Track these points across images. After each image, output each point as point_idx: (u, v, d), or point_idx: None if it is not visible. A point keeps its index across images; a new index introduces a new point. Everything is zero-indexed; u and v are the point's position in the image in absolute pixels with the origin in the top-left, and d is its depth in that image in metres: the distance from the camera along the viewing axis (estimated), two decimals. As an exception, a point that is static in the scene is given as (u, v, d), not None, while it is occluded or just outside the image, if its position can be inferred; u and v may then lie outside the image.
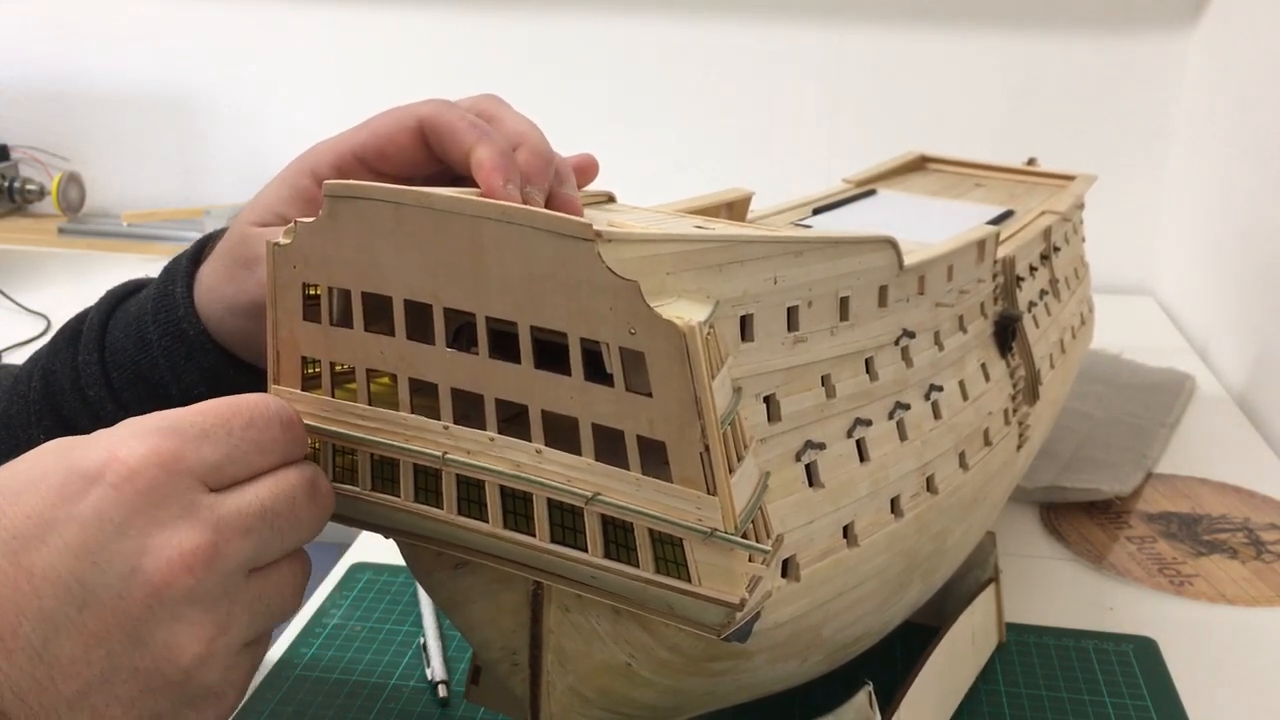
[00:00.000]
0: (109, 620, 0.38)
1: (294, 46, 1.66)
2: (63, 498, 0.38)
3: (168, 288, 0.61)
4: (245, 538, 0.40)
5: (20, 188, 1.70)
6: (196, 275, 0.61)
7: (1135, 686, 0.69)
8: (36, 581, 0.37)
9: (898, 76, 1.53)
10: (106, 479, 0.38)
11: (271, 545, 0.42)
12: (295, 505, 0.42)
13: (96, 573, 0.37)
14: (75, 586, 0.37)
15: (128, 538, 0.38)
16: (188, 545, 0.39)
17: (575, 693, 0.45)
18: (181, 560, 0.38)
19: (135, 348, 0.61)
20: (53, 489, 0.38)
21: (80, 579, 0.37)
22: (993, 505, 0.68)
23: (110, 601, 0.38)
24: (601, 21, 1.57)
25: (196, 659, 0.39)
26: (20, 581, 0.37)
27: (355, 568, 0.81)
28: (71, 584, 0.37)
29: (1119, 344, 1.23)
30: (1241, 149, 1.27)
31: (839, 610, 0.49)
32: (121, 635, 0.38)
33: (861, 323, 0.51)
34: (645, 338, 0.37)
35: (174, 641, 0.39)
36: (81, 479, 0.38)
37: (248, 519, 0.41)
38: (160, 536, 0.38)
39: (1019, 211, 0.84)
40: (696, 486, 0.38)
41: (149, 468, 0.39)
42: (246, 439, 0.42)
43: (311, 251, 0.42)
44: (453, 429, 0.42)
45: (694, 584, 0.39)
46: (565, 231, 0.36)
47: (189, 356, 0.60)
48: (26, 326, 1.29)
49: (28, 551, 0.37)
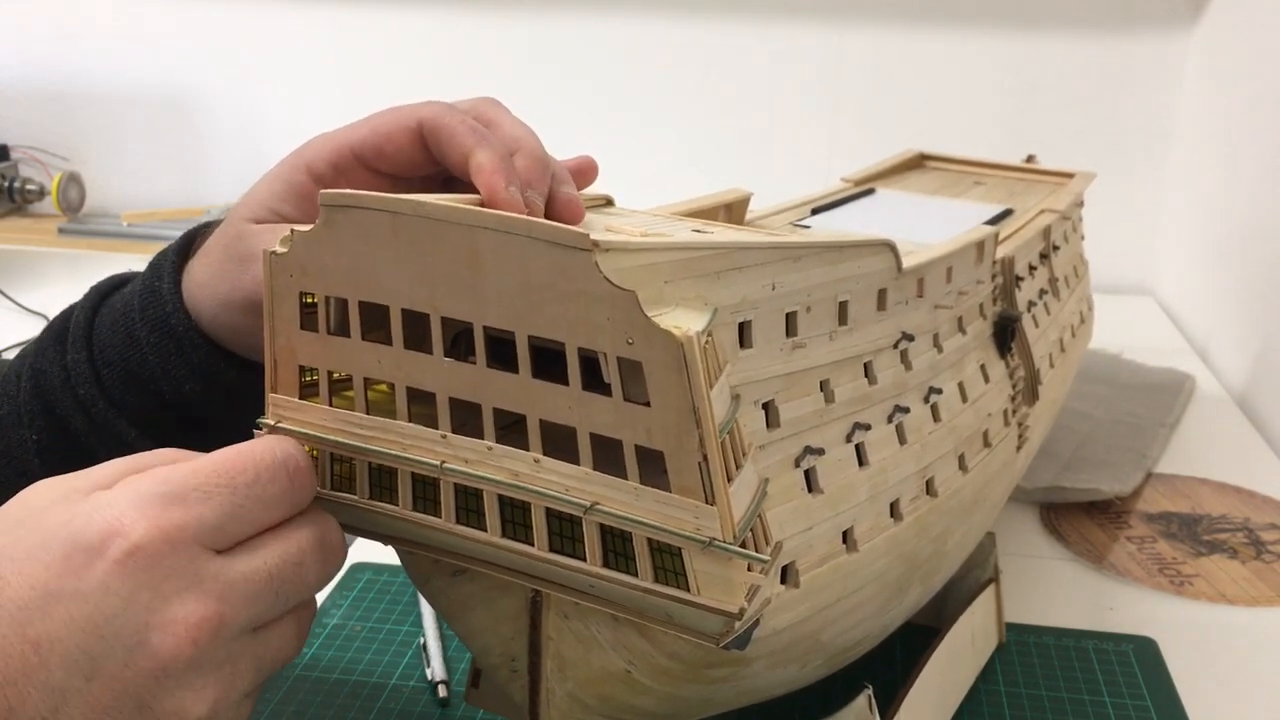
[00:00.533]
0: (117, 690, 0.38)
1: (294, 46, 1.66)
2: (66, 570, 0.38)
3: (154, 284, 0.61)
4: (251, 605, 0.40)
5: (20, 188, 1.69)
6: (186, 269, 0.61)
7: (1135, 686, 0.69)
8: (44, 654, 0.37)
9: (898, 76, 1.53)
10: (110, 554, 0.38)
11: (276, 606, 0.42)
12: (302, 569, 0.42)
13: (103, 646, 0.38)
14: (82, 659, 0.37)
15: (134, 612, 0.38)
16: (193, 618, 0.39)
17: (574, 699, 0.45)
18: (188, 634, 0.38)
19: (123, 344, 0.60)
20: (55, 560, 0.38)
21: (87, 652, 0.37)
22: (992, 506, 0.68)
23: (117, 672, 0.38)
24: (602, 21, 1.57)
25: None
26: (27, 654, 0.37)
27: (355, 568, 0.81)
28: (79, 656, 0.37)
29: (1119, 344, 1.23)
30: (1241, 149, 1.27)
31: (838, 615, 0.49)
32: (129, 704, 0.38)
33: (860, 327, 0.51)
34: (643, 348, 0.36)
35: (180, 707, 0.39)
36: (84, 552, 0.38)
37: (253, 586, 0.41)
38: (166, 611, 0.38)
39: (1018, 210, 0.84)
40: (695, 496, 0.38)
41: (151, 542, 0.38)
42: (251, 496, 0.41)
43: (308, 260, 0.42)
44: (451, 438, 0.42)
45: (693, 593, 0.39)
46: (563, 241, 0.36)
47: (178, 352, 0.60)
48: (26, 326, 1.29)
49: (33, 624, 0.37)
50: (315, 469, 0.45)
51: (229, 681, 0.40)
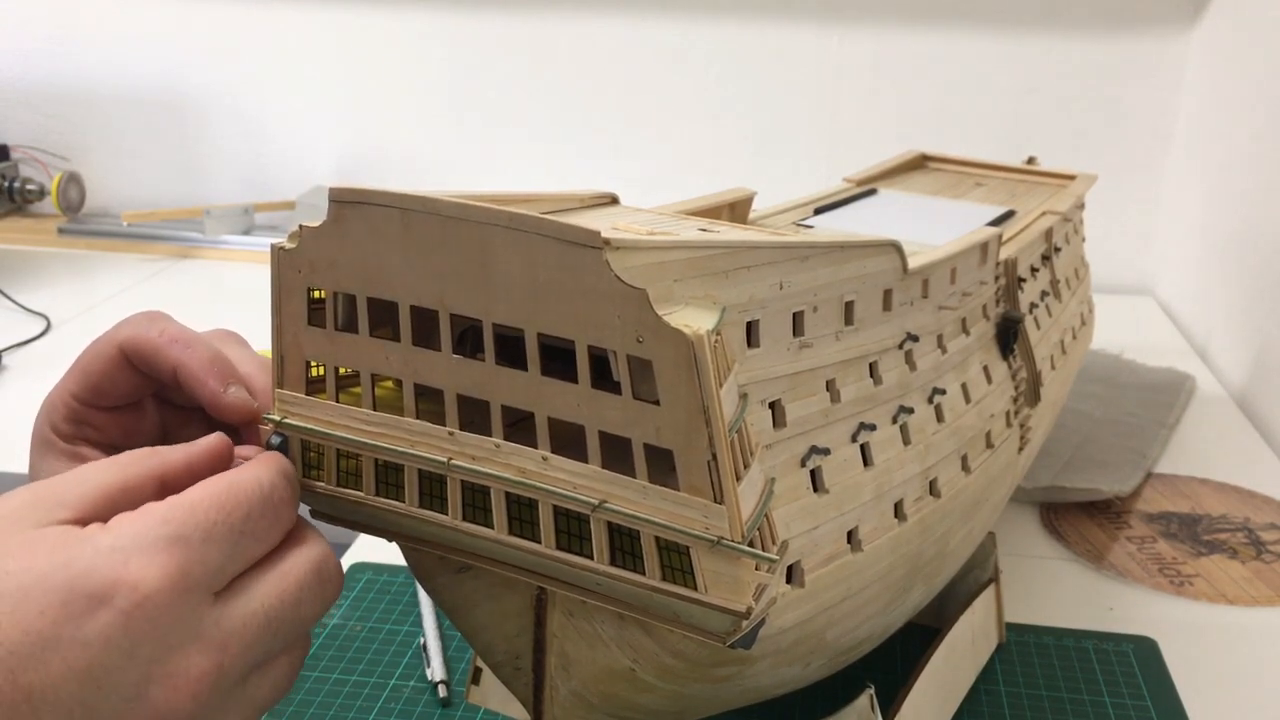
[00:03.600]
0: None
1: (294, 46, 1.66)
2: (66, 616, 0.36)
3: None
4: (248, 652, 0.40)
5: (20, 188, 1.69)
6: None
7: (1135, 686, 0.69)
8: (35, 703, 0.36)
9: (898, 76, 1.53)
10: (115, 603, 0.37)
11: (274, 649, 0.41)
12: (300, 606, 0.42)
13: (100, 697, 0.36)
14: (77, 710, 0.36)
15: (136, 665, 0.37)
16: (194, 672, 0.38)
17: (578, 697, 0.45)
18: (188, 688, 0.38)
19: None
20: (53, 606, 0.36)
21: (83, 703, 0.36)
22: (994, 507, 0.68)
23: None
24: (602, 22, 1.57)
25: None
26: (19, 702, 0.35)
27: (355, 568, 0.81)
28: (74, 707, 0.36)
29: (1119, 344, 1.23)
30: (1241, 149, 1.28)
31: (843, 615, 0.49)
32: None
33: (866, 327, 0.51)
34: (653, 346, 0.36)
35: None
36: (87, 599, 0.37)
37: (251, 633, 0.40)
38: (169, 663, 0.37)
39: (1020, 211, 0.84)
40: (703, 494, 0.38)
41: (160, 593, 0.37)
42: (245, 532, 0.40)
43: (317, 256, 0.42)
44: (458, 435, 0.41)
45: (700, 592, 0.39)
46: (573, 239, 0.36)
47: None
48: (26, 326, 1.29)
49: (26, 671, 0.36)
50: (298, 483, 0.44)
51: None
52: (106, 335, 0.51)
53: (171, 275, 1.52)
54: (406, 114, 1.66)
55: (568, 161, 1.63)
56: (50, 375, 0.53)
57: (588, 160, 1.62)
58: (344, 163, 1.69)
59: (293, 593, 0.41)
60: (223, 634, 0.39)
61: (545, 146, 1.63)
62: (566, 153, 1.63)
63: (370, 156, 1.69)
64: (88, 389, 0.51)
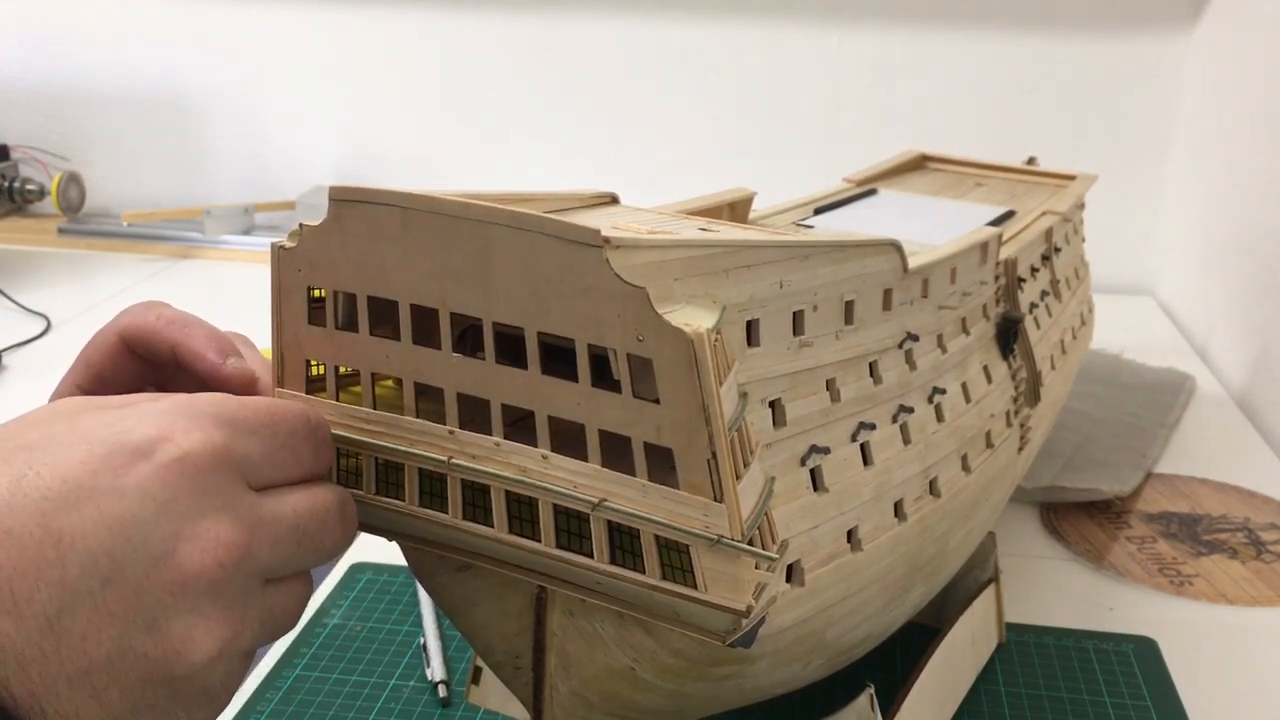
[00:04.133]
0: (130, 600, 0.36)
1: (294, 46, 1.66)
2: (105, 467, 0.37)
3: None
4: (275, 545, 0.40)
5: (20, 188, 1.69)
6: None
7: (1135, 686, 0.69)
8: (63, 549, 0.35)
9: (897, 76, 1.53)
10: (156, 457, 0.37)
11: (294, 560, 0.41)
12: (325, 526, 0.42)
13: (129, 549, 0.36)
14: (103, 560, 0.36)
15: (167, 519, 0.37)
16: (224, 539, 0.38)
17: (578, 696, 0.45)
18: (215, 554, 0.38)
19: None
20: (95, 457, 0.37)
21: (110, 553, 0.36)
22: (994, 507, 0.68)
23: (135, 581, 0.36)
24: (604, 22, 1.57)
25: (207, 658, 0.38)
26: (45, 547, 0.35)
27: (355, 568, 0.81)
28: (100, 557, 0.36)
29: (1119, 344, 1.23)
30: (1241, 149, 1.28)
31: (842, 614, 0.49)
32: (139, 618, 0.37)
33: (866, 326, 0.51)
34: (653, 344, 0.37)
35: (188, 635, 0.38)
36: (130, 452, 0.37)
37: (281, 528, 0.40)
38: (200, 525, 0.38)
39: (1020, 212, 0.84)
40: (703, 493, 0.38)
41: (201, 454, 0.38)
42: (288, 445, 0.41)
43: (317, 255, 0.42)
44: (458, 433, 0.42)
45: (700, 591, 0.39)
46: (574, 238, 0.36)
47: None
48: (26, 326, 1.29)
49: (58, 515, 0.36)
50: None
51: (238, 626, 0.39)
52: (107, 325, 0.52)
53: (171, 275, 1.52)
54: (406, 114, 1.66)
55: (568, 161, 1.63)
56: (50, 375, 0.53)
57: (588, 160, 1.62)
58: (344, 163, 1.69)
59: (320, 513, 0.42)
60: (255, 517, 0.39)
61: (545, 146, 1.63)
62: (566, 152, 1.63)
63: (370, 156, 1.69)
64: (91, 379, 0.52)
